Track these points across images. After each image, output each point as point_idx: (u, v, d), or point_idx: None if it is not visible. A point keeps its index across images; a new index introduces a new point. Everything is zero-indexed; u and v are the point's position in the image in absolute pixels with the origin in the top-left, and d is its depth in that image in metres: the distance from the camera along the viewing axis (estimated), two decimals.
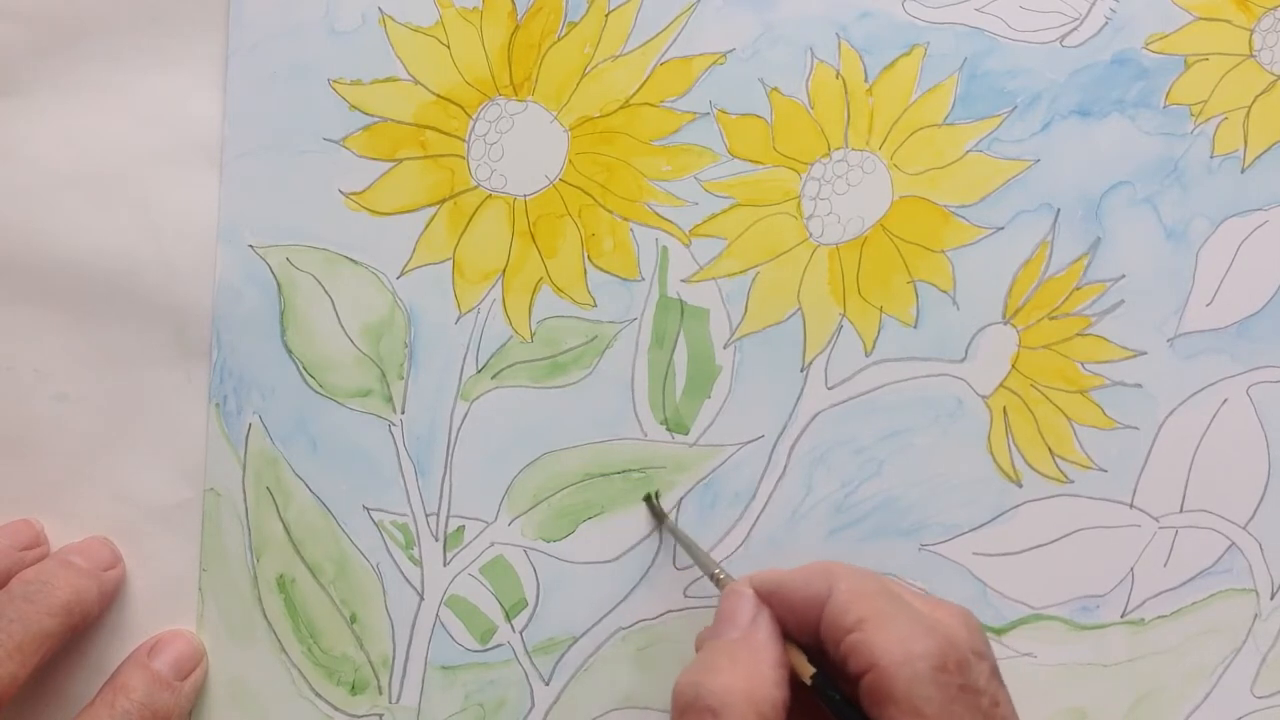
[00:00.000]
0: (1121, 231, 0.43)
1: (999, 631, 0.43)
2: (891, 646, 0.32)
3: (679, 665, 0.40)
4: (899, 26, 0.41)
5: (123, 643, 0.39)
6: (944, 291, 0.42)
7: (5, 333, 0.39)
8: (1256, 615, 0.44)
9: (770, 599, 0.36)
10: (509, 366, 0.41)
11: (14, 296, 0.39)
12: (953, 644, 0.33)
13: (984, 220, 0.42)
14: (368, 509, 0.40)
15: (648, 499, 0.41)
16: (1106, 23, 0.42)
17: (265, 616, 0.40)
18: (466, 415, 0.40)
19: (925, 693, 0.31)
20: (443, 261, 0.40)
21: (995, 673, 0.34)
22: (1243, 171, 0.43)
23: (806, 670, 0.34)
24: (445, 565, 0.41)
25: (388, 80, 0.39)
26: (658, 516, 0.41)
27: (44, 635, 0.36)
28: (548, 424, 0.41)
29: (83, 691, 0.38)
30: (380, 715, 0.40)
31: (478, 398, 0.40)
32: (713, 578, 0.38)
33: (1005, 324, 0.42)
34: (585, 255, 0.41)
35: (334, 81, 0.39)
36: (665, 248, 0.41)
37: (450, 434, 0.40)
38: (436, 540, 0.41)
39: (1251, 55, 0.43)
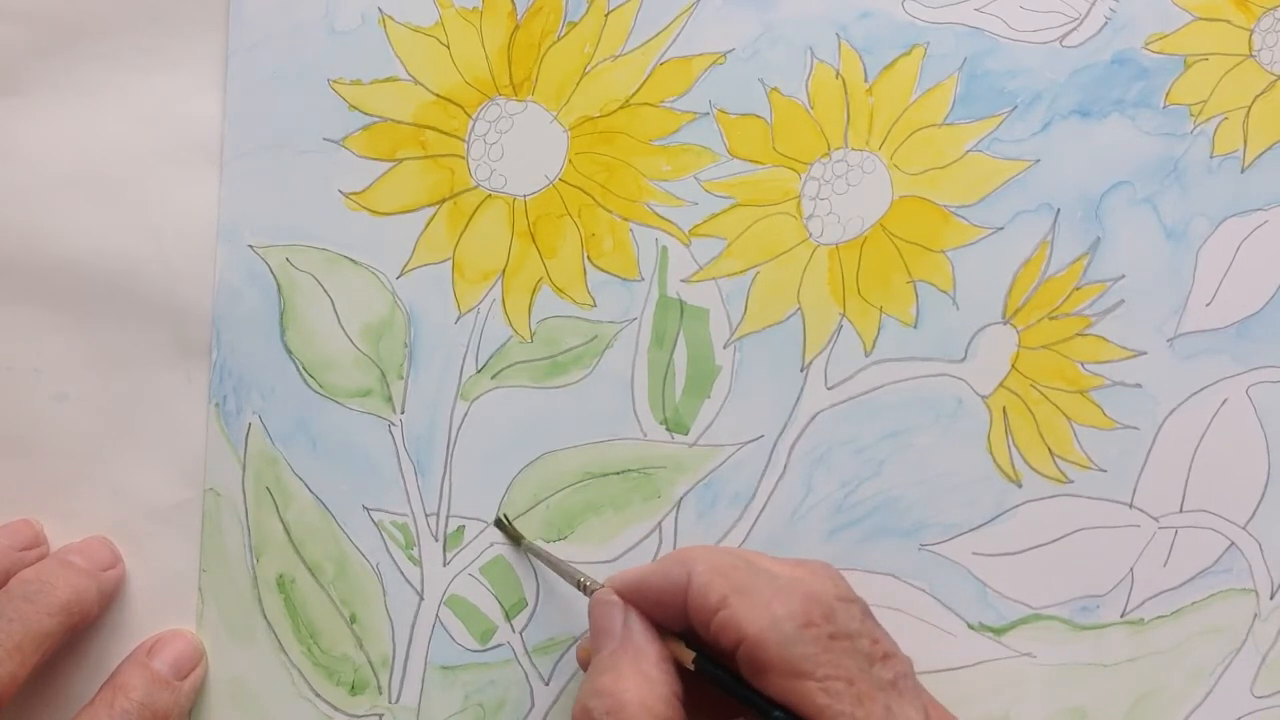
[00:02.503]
0: (1121, 231, 0.43)
1: (999, 631, 0.43)
2: (756, 615, 0.32)
3: None
4: (899, 26, 0.41)
5: (123, 643, 0.39)
6: (944, 291, 0.42)
7: (5, 333, 0.39)
8: (1256, 615, 0.44)
9: (636, 598, 0.36)
10: (509, 366, 0.41)
11: (14, 296, 0.39)
12: (814, 598, 0.33)
13: (984, 220, 0.42)
14: (367, 509, 0.40)
15: (498, 522, 0.40)
16: (1106, 23, 0.42)
17: (265, 616, 0.40)
18: (466, 415, 0.40)
19: (799, 651, 0.32)
20: (442, 261, 0.40)
21: (868, 613, 0.34)
22: (1242, 171, 0.43)
23: (687, 656, 0.35)
24: (445, 565, 0.41)
25: (387, 80, 0.39)
26: (513, 537, 0.40)
27: (44, 635, 0.36)
28: (547, 424, 0.41)
29: (83, 691, 0.38)
30: (380, 715, 0.40)
31: (477, 398, 0.40)
32: (579, 585, 0.38)
33: (1005, 324, 0.42)
34: (585, 255, 0.41)
35: (334, 81, 0.39)
36: (665, 248, 0.41)
37: (450, 434, 0.40)
38: (436, 540, 0.41)
39: (1251, 55, 0.43)
